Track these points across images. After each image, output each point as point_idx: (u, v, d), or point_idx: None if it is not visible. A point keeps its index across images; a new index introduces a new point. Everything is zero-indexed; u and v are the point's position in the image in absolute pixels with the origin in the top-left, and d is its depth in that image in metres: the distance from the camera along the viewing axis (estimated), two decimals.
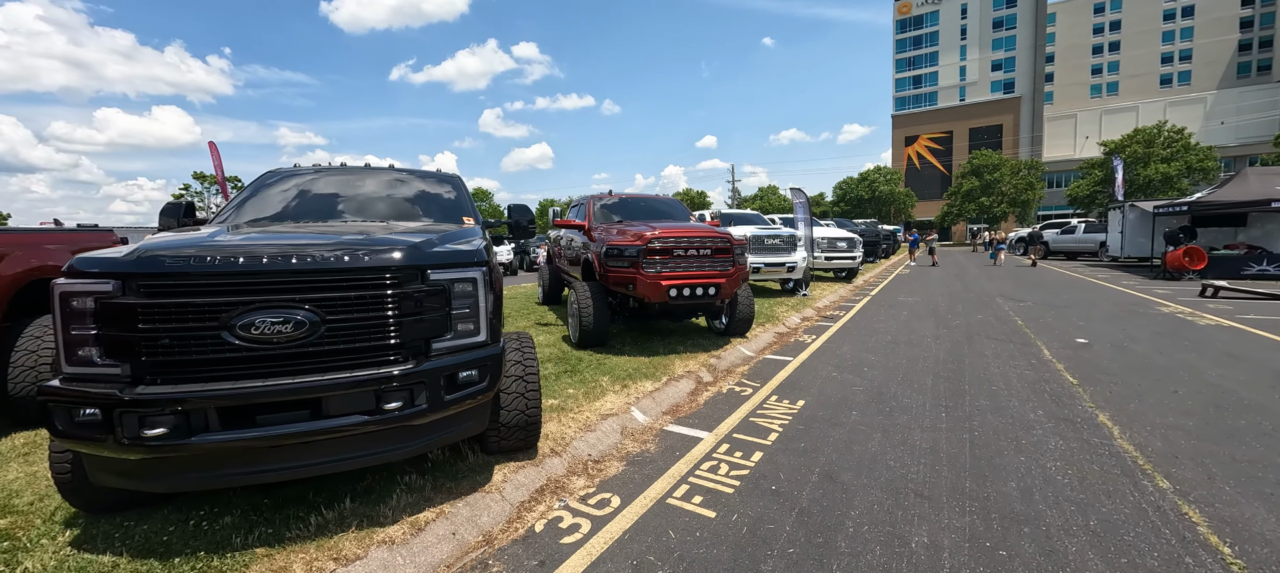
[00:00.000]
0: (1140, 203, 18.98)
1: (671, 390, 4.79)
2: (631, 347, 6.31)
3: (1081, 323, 8.17)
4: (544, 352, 5.99)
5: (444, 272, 2.60)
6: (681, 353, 5.98)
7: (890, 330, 7.82)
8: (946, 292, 12.76)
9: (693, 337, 6.92)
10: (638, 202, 7.64)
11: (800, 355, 6.32)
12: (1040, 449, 3.50)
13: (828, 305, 10.55)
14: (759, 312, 8.92)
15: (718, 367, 5.66)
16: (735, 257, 6.02)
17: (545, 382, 4.87)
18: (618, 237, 5.88)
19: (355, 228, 3.24)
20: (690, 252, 5.76)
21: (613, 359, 5.71)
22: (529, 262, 28.74)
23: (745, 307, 6.65)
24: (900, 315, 9.23)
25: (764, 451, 3.57)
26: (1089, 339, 6.95)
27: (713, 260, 5.88)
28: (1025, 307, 9.99)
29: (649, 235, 5.67)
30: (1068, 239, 25.51)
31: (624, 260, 5.70)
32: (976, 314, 9.19)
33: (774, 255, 10.60)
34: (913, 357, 6.13)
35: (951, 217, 57.05)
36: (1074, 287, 13.38)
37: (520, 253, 30.52)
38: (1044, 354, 6.17)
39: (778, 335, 7.44)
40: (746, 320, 6.71)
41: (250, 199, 3.85)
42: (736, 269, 6.03)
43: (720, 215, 7.94)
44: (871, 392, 4.82)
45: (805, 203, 13.51)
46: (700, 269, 5.80)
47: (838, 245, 14.25)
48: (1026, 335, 7.27)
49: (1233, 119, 64.10)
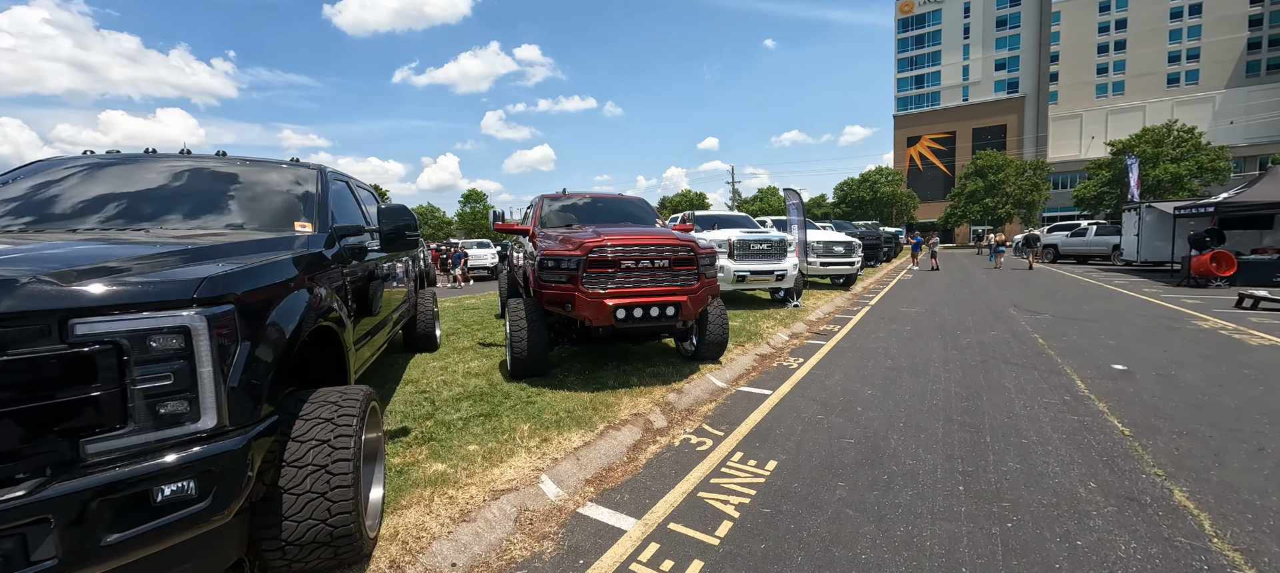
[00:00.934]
0: (1158, 204, 17.85)
1: (607, 444, 3.70)
2: (577, 376, 5.23)
3: (1112, 342, 7.06)
4: (465, 386, 4.92)
5: (112, 320, 1.52)
6: (635, 386, 4.90)
7: (891, 352, 6.72)
8: (953, 301, 11.65)
9: (656, 361, 5.84)
10: (596, 202, 6.57)
11: (782, 386, 5.23)
12: (1106, 559, 2.41)
13: (821, 318, 9.45)
14: (741, 327, 7.83)
15: (677, 405, 4.57)
16: (701, 268, 4.94)
17: (447, 432, 3.80)
18: (556, 245, 4.81)
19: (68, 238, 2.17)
20: (643, 263, 4.67)
21: (547, 396, 4.63)
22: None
23: (717, 328, 5.58)
24: (902, 331, 8.13)
25: (706, 558, 2.49)
26: (1127, 365, 5.85)
27: (671, 274, 4.79)
28: (1043, 320, 8.89)
29: (590, 243, 4.59)
30: (1078, 242, 24.36)
31: (560, 274, 4.62)
32: (989, 330, 8.09)
33: (761, 262, 9.52)
34: (918, 390, 5.04)
35: (955, 218, 55.87)
36: (1092, 295, 12.25)
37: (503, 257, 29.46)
38: (1078, 387, 5.07)
39: (758, 359, 6.35)
40: (719, 344, 5.63)
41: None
42: (703, 284, 4.94)
43: (693, 218, 6.83)
44: (865, 447, 3.73)
45: (799, 204, 12.43)
46: (655, 285, 4.72)
47: (834, 250, 13.16)
48: (1051, 359, 6.17)
49: (1242, 119, 62.82)
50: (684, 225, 6.70)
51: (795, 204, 12.50)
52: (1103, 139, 61.54)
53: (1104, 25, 70.39)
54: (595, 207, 6.44)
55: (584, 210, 6.34)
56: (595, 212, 6.36)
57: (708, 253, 5.06)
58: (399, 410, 4.26)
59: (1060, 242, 25.14)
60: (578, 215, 6.23)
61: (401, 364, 5.78)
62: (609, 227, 5.41)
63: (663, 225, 6.24)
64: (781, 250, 9.69)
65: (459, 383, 5.03)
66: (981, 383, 5.24)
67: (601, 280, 4.59)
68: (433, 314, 6.14)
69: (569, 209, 6.30)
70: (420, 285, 6.23)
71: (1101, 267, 21.77)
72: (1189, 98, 65.38)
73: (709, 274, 5.09)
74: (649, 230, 5.03)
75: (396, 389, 4.89)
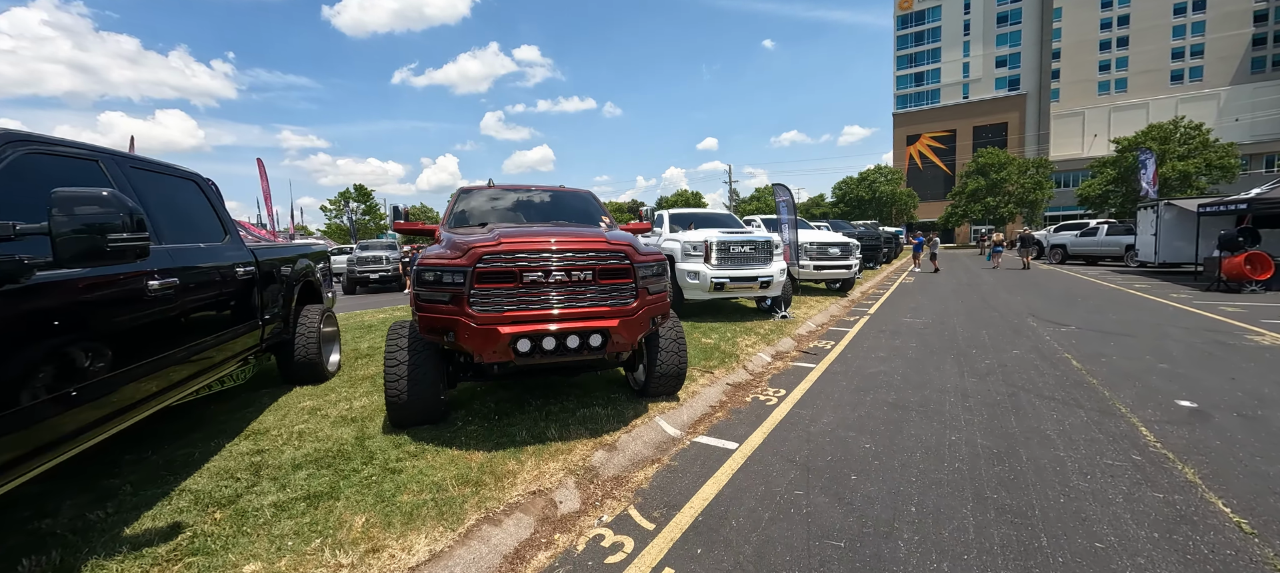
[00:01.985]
0: (1178, 201, 16.61)
1: (469, 557, 2.45)
2: (482, 422, 3.96)
3: (1163, 365, 5.80)
4: (324, 441, 3.66)
5: None
6: (551, 441, 3.64)
7: (893, 380, 5.47)
8: (962, 309, 10.40)
9: (595, 397, 4.58)
10: (526, 195, 5.28)
11: (753, 435, 3.97)
12: None
13: (812, 332, 8.19)
14: (715, 346, 6.57)
15: (602, 470, 3.32)
16: (641, 281, 3.67)
17: (236, 531, 2.54)
18: (440, 251, 3.53)
19: None
20: (558, 275, 3.41)
21: (426, 456, 3.37)
22: None
23: (671, 357, 4.32)
24: (907, 349, 6.87)
25: None
26: (1195, 400, 4.60)
27: (599, 289, 3.53)
28: (1069, 334, 7.63)
29: (481, 248, 3.33)
30: (1088, 242, 23.10)
31: (441, 292, 3.35)
32: (1010, 348, 6.83)
33: (743, 267, 8.26)
34: (932, 445, 3.78)
35: (956, 218, 54.67)
36: (1116, 302, 11.00)
37: None
38: (1144, 437, 3.82)
39: (729, 391, 5.09)
40: (673, 376, 4.38)
41: None
42: (644, 302, 3.68)
43: (650, 211, 5.54)
44: (861, 558, 2.47)
45: (789, 201, 11.17)
46: (575, 304, 3.46)
47: (829, 252, 11.90)
48: (1096, 392, 4.92)
49: (1247, 116, 61.64)
50: (636, 225, 5.41)
51: (785, 201, 11.24)
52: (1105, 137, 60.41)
53: (1106, 21, 69.14)
54: (524, 201, 5.17)
55: (510, 206, 5.07)
56: (523, 207, 5.09)
57: (652, 261, 3.79)
58: (195, 489, 3.00)
59: (1069, 242, 23.88)
60: (500, 212, 4.97)
61: (264, 404, 4.52)
62: (531, 226, 4.14)
63: (608, 226, 4.98)
64: (767, 254, 8.44)
65: (318, 436, 3.76)
66: (1016, 431, 3.98)
67: (497, 299, 3.33)
68: (320, 337, 4.88)
69: (491, 204, 5.03)
70: (301, 300, 4.97)
71: (1114, 268, 20.53)
72: (1193, 95, 64.19)
73: (655, 288, 3.82)
74: (572, 231, 3.77)
75: (224, 446, 3.62)
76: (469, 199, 5.07)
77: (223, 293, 3.54)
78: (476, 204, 5.01)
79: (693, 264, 8.15)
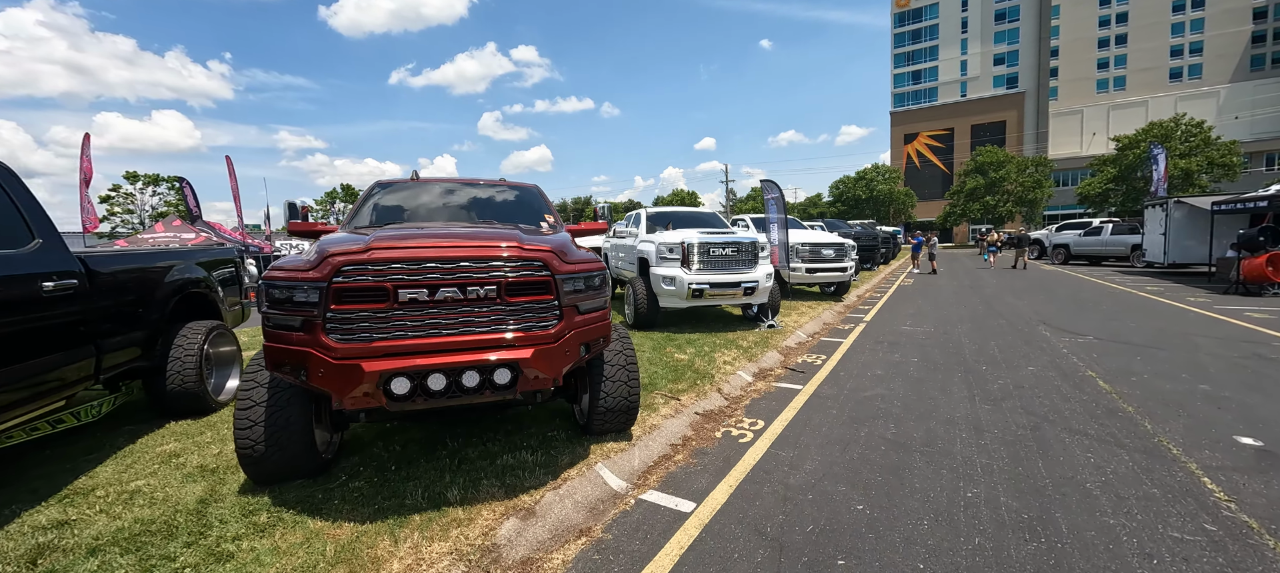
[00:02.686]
0: (1189, 198, 15.86)
1: None
2: (374, 473, 3.13)
3: (1203, 386, 5.00)
4: (160, 504, 2.83)
5: None
6: (451, 508, 2.81)
7: (892, 408, 4.65)
8: (966, 315, 9.59)
9: (530, 434, 3.75)
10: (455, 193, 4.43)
11: (716, 490, 3.15)
12: None
13: (802, 343, 7.38)
14: (688, 363, 5.74)
15: (509, 551, 2.49)
16: (566, 297, 2.84)
17: None
18: (294, 265, 2.68)
19: None
20: (446, 291, 2.58)
21: (280, 529, 2.54)
22: None
23: (618, 389, 3.49)
24: (907, 366, 6.06)
25: None
26: (1258, 435, 3.79)
27: (506, 310, 2.70)
28: (1088, 346, 6.83)
29: (340, 257, 2.50)
30: (1093, 242, 22.35)
31: (290, 314, 2.52)
32: (1024, 363, 6.02)
33: (726, 271, 7.44)
34: (943, 507, 2.96)
35: (954, 217, 53.96)
36: (1131, 307, 10.21)
37: None
38: (1206, 489, 3.01)
39: (697, 423, 4.26)
40: (620, 412, 3.55)
41: None
42: (572, 325, 2.85)
43: (605, 210, 4.64)
44: None
45: (779, 199, 10.35)
46: (470, 331, 2.63)
47: (823, 253, 11.08)
48: (1134, 422, 4.11)
49: (1247, 113, 61.10)
50: (586, 225, 4.53)
51: (774, 199, 10.42)
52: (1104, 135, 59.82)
53: (1105, 19, 68.54)
54: (451, 199, 4.31)
55: (431, 205, 4.22)
56: (447, 207, 4.23)
57: (582, 272, 2.95)
58: None
59: (1072, 241, 23.12)
60: (419, 212, 4.12)
61: (116, 446, 3.67)
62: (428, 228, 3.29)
63: (550, 227, 4.14)
64: (751, 257, 7.61)
65: (154, 498, 2.92)
66: (1047, 483, 3.16)
67: (363, 325, 2.50)
68: (202, 361, 4.03)
69: (407, 203, 4.18)
70: (181, 317, 4.13)
71: (1120, 269, 19.78)
72: (1192, 93, 63.62)
73: (588, 307, 2.99)
74: (472, 234, 2.92)
75: (20, 515, 2.77)
76: (383, 196, 4.23)
77: (18, 315, 2.70)
78: (390, 202, 4.17)
79: (668, 269, 7.32)
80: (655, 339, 7.00)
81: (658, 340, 6.93)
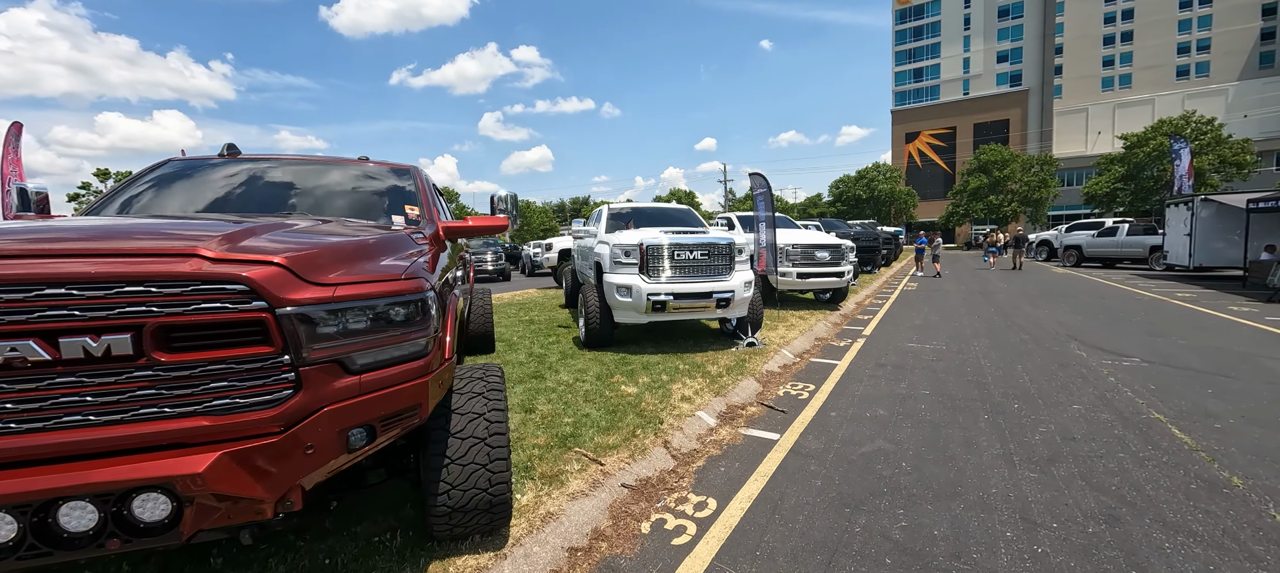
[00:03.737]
0: (1219, 196, 14.56)
1: None
2: None
3: None
4: None
5: None
6: None
7: (902, 478, 3.35)
8: (981, 327, 8.29)
9: (342, 542, 2.46)
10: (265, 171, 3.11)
11: None
12: None
13: (787, 367, 6.08)
14: (636, 398, 4.43)
15: None
16: (316, 343, 1.55)
17: None
18: None
19: None
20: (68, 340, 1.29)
21: None
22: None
23: (472, 476, 2.18)
24: (917, 401, 4.76)
25: None
26: None
27: (166, 376, 1.40)
28: (1139, 373, 5.53)
29: None
30: (1107, 242, 21.04)
31: None
32: (1066, 398, 4.71)
33: (694, 279, 6.14)
34: None
35: (957, 217, 52.62)
36: (1168, 317, 8.90)
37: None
38: None
39: (618, 506, 2.96)
40: (475, 511, 2.25)
41: None
42: (331, 396, 1.57)
43: (509, 200, 3.33)
44: None
45: (767, 194, 9.06)
46: (75, 423, 1.33)
47: (817, 256, 9.78)
48: (1255, 506, 2.81)
49: (1255, 111, 59.72)
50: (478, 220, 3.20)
51: (763, 194, 9.12)
52: (1110, 134, 58.49)
53: (1110, 15, 67.17)
54: (257, 182, 2.98)
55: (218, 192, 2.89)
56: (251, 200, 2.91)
57: (358, 297, 1.65)
58: None
59: (1085, 242, 21.79)
60: (195, 201, 2.81)
61: None
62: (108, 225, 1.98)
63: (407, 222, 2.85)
64: (727, 261, 6.31)
65: None
66: None
67: None
68: None
69: (191, 188, 2.87)
70: None
71: (1138, 271, 18.48)
72: (1200, 90, 62.25)
73: (376, 360, 1.70)
74: (125, 231, 1.63)
75: None
76: (161, 176, 2.92)
77: None
78: (167, 185, 2.86)
79: (624, 276, 6.02)
80: (606, 362, 5.71)
81: (608, 364, 5.64)
